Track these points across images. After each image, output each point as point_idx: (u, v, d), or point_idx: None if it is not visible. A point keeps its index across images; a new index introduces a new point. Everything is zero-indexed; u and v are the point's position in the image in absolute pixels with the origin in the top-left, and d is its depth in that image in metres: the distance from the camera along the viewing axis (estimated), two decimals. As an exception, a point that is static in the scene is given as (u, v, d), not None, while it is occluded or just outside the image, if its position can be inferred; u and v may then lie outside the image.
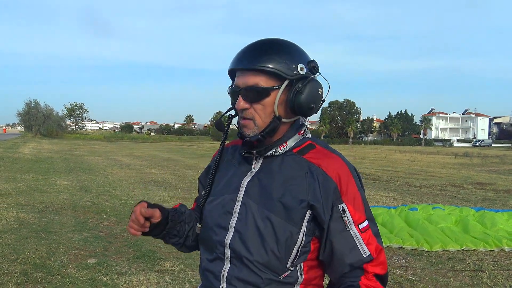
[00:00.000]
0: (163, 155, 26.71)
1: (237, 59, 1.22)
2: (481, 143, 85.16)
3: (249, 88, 1.19)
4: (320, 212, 1.17)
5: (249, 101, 1.20)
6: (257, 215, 1.19)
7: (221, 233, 1.23)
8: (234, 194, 1.25)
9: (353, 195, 1.20)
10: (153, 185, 11.64)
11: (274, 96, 1.19)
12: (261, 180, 1.23)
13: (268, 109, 1.20)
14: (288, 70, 1.18)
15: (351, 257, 1.18)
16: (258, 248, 1.18)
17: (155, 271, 4.53)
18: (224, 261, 1.23)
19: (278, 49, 1.20)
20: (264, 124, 1.21)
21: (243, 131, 1.23)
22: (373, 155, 33.27)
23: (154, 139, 70.00)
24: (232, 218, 1.23)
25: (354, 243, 1.18)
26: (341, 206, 1.18)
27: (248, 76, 1.19)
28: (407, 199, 10.09)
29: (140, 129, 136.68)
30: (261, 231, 1.18)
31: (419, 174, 17.42)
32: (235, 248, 1.20)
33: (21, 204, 7.96)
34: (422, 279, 4.55)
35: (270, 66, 1.17)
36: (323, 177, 1.19)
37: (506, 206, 9.27)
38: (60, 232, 5.98)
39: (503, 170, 20.55)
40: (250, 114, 1.21)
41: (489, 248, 5.68)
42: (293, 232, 1.17)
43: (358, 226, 1.19)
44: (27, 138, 49.68)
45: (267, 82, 1.19)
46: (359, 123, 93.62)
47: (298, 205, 1.17)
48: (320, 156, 1.23)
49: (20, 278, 4.12)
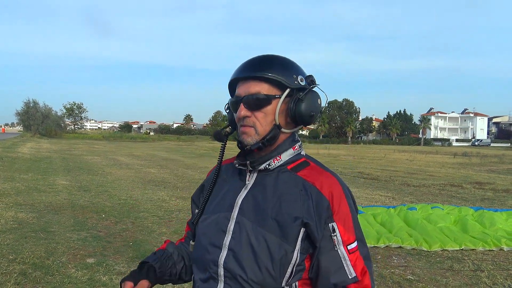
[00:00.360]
0: (162, 155, 26.70)
1: (239, 70, 1.25)
2: (480, 143, 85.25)
3: (251, 96, 1.21)
4: (314, 230, 1.17)
5: (250, 108, 1.21)
6: (251, 233, 1.18)
7: (215, 252, 1.22)
8: (228, 212, 1.24)
9: (344, 214, 1.20)
10: (152, 184, 11.64)
11: (275, 104, 1.22)
12: (255, 197, 1.23)
13: (269, 117, 1.22)
14: (289, 80, 1.22)
15: (336, 277, 1.17)
16: (253, 266, 1.17)
17: (154, 271, 4.52)
18: (217, 281, 1.21)
19: (278, 61, 1.25)
20: (265, 132, 1.22)
21: (242, 138, 1.23)
22: (372, 155, 33.29)
23: (153, 139, 69.96)
24: (226, 236, 1.21)
25: (341, 263, 1.17)
26: (331, 225, 1.18)
27: (250, 84, 1.22)
28: (406, 199, 10.10)
29: (139, 128, 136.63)
30: (255, 249, 1.17)
31: (418, 173, 17.43)
32: (229, 268, 1.19)
33: (19, 203, 7.96)
34: (421, 279, 4.56)
35: (272, 74, 1.20)
36: (316, 194, 1.19)
37: (505, 206, 9.28)
38: (59, 231, 5.97)
39: (502, 170, 20.57)
40: (251, 122, 1.22)
41: (488, 248, 5.69)
42: (287, 251, 1.16)
43: (347, 246, 1.18)
44: (26, 137, 49.62)
45: (269, 90, 1.21)
46: (358, 122, 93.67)
47: (293, 222, 1.17)
48: (314, 173, 1.24)
49: (19, 278, 4.12)
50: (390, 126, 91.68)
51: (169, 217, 7.25)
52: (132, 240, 5.67)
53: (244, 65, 1.26)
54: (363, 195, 10.57)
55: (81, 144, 39.46)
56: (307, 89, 1.24)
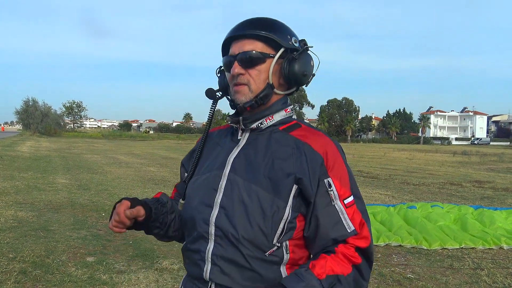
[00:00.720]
0: (162, 153, 26.70)
1: (234, 29, 1.27)
2: (479, 142, 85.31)
3: (246, 53, 1.22)
4: (307, 186, 1.17)
5: (244, 66, 1.22)
6: (243, 190, 1.18)
7: (206, 210, 1.22)
8: (220, 171, 1.24)
9: (339, 170, 1.21)
10: (152, 183, 11.64)
11: (269, 63, 1.23)
12: (248, 155, 1.23)
13: (263, 75, 1.23)
14: (284, 40, 1.24)
15: (335, 231, 1.17)
16: (244, 223, 1.16)
17: (154, 269, 4.53)
18: (208, 240, 1.20)
19: (273, 22, 1.27)
20: (258, 90, 1.23)
21: (236, 97, 1.25)
22: (372, 153, 33.30)
23: (152, 137, 69.93)
24: (218, 194, 1.21)
25: (338, 217, 1.18)
26: (327, 181, 1.18)
27: (245, 43, 1.23)
28: (406, 197, 10.10)
29: (139, 127, 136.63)
30: (247, 206, 1.17)
31: (418, 172, 17.44)
32: (220, 226, 1.18)
33: (19, 202, 7.95)
34: (421, 277, 4.56)
35: (266, 33, 1.22)
36: (310, 152, 1.20)
37: (505, 204, 9.28)
38: (58, 230, 5.97)
39: (502, 168, 20.59)
40: (245, 79, 1.23)
41: (488, 246, 5.69)
42: (280, 207, 1.16)
43: (343, 201, 1.19)
44: (25, 136, 49.59)
45: (264, 49, 1.23)
46: (358, 121, 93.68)
47: (285, 178, 1.17)
48: (307, 133, 1.25)
49: (19, 277, 4.12)
50: (389, 124, 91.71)
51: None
52: (132, 239, 5.67)
53: (239, 25, 1.27)
54: (363, 193, 10.51)
55: (81, 143, 39.44)
56: (300, 50, 1.26)
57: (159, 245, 5.33)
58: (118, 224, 1.22)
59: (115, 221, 1.22)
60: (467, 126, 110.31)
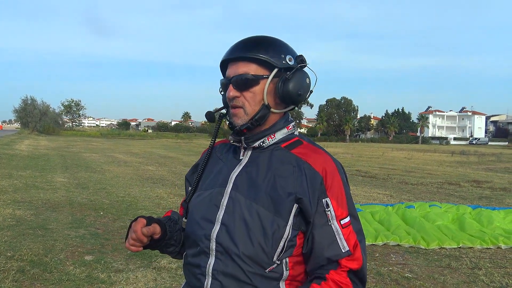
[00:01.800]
0: (160, 152, 26.67)
1: (228, 51, 1.28)
2: (477, 141, 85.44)
3: (240, 76, 1.23)
4: (307, 205, 1.19)
5: (239, 89, 1.23)
6: (245, 208, 1.20)
7: (207, 226, 1.24)
8: (222, 188, 1.26)
9: (337, 190, 1.22)
10: (150, 182, 11.63)
11: (263, 84, 1.24)
12: (249, 173, 1.25)
13: (257, 97, 1.24)
14: (277, 60, 1.24)
15: (329, 250, 1.19)
16: (245, 241, 1.18)
17: (152, 268, 4.53)
18: (208, 255, 1.22)
19: (268, 42, 1.27)
20: (254, 112, 1.24)
21: (233, 120, 1.27)
22: (370, 153, 33.32)
23: (151, 136, 69.88)
24: (219, 211, 1.23)
25: (334, 237, 1.20)
26: (325, 201, 1.20)
27: (239, 65, 1.24)
28: (404, 197, 10.11)
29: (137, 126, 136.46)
30: (248, 224, 1.19)
31: (416, 172, 17.46)
32: (221, 242, 1.21)
33: (17, 201, 7.94)
34: (419, 277, 4.57)
35: (260, 54, 1.23)
36: (309, 171, 1.21)
37: (503, 204, 9.30)
38: (57, 229, 5.96)
39: (500, 168, 20.63)
40: (240, 102, 1.24)
41: (486, 246, 5.70)
42: (280, 225, 1.18)
43: (340, 221, 1.21)
44: (24, 134, 49.51)
45: (257, 71, 1.23)
46: (356, 121, 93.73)
47: (286, 198, 1.19)
48: (307, 151, 1.26)
49: (17, 275, 4.11)
50: (388, 124, 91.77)
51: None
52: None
53: (234, 47, 1.27)
54: (361, 193, 10.58)
55: (79, 142, 39.38)
56: (294, 68, 1.25)
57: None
58: (135, 242, 1.23)
59: (132, 239, 1.22)
60: (465, 126, 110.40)
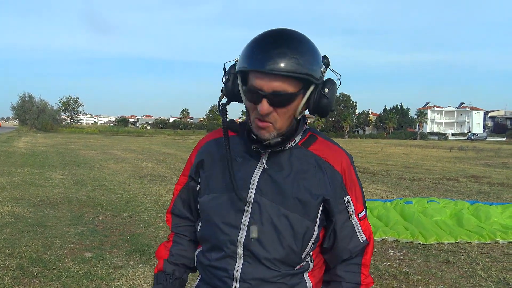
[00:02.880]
0: (159, 149, 26.66)
1: (262, 59, 1.07)
2: (476, 137, 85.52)
3: (278, 94, 1.09)
4: (333, 205, 1.22)
5: (274, 106, 1.11)
6: (273, 213, 1.18)
7: (232, 232, 1.20)
8: (244, 192, 1.20)
9: (355, 186, 1.27)
10: (149, 178, 11.63)
11: (299, 100, 1.13)
12: (272, 176, 1.20)
13: (290, 113, 1.15)
14: (316, 75, 1.11)
15: (351, 244, 1.27)
16: (275, 245, 1.19)
17: (151, 264, 4.54)
18: (235, 259, 1.21)
19: (303, 49, 1.10)
20: (284, 126, 1.16)
21: (259, 133, 1.16)
22: (369, 149, 33.35)
23: (149, 133, 69.83)
24: (244, 216, 1.20)
25: (354, 231, 1.27)
26: (346, 198, 1.24)
27: (275, 80, 1.08)
28: (403, 193, 10.13)
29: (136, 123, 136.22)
30: (278, 228, 1.18)
31: (414, 167, 17.49)
32: (250, 247, 1.19)
33: (16, 198, 7.94)
34: (417, 272, 4.59)
35: (303, 73, 1.08)
36: (330, 170, 1.22)
37: (500, 199, 9.33)
38: (55, 226, 5.97)
39: (498, 164, 20.67)
40: (272, 118, 1.13)
41: (484, 241, 5.72)
42: (309, 227, 1.20)
43: (358, 215, 1.27)
44: (22, 132, 49.42)
45: (294, 87, 1.10)
46: (355, 117, 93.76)
47: (314, 200, 1.20)
48: (324, 148, 1.26)
49: (16, 272, 4.12)
50: (386, 120, 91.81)
51: (166, 211, 7.24)
52: (129, 234, 5.67)
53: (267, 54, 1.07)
54: (360, 189, 10.58)
55: (78, 139, 39.32)
56: (329, 81, 1.16)
57: (156, 240, 5.34)
58: None
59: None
60: (463, 121, 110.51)
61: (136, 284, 4.02)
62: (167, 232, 1.49)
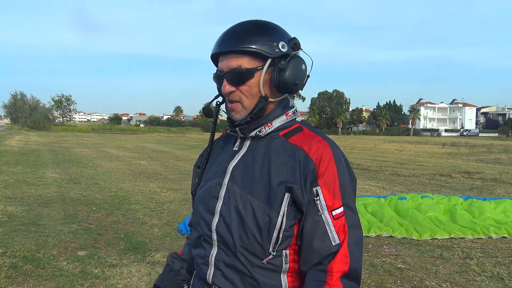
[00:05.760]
0: (152, 147, 26.56)
1: (218, 43, 1.21)
2: (468, 133, 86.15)
3: (233, 71, 1.19)
4: (299, 194, 1.15)
5: (234, 84, 1.20)
6: (239, 200, 1.20)
7: (209, 217, 1.25)
8: (220, 179, 1.26)
9: (330, 178, 1.16)
10: (143, 176, 11.59)
11: (258, 76, 1.19)
12: (246, 164, 1.23)
13: (254, 90, 1.20)
14: (270, 49, 1.18)
15: (319, 241, 1.14)
16: (240, 232, 1.18)
17: (146, 262, 4.52)
18: (211, 245, 1.24)
19: (258, 29, 1.20)
20: (252, 105, 1.21)
21: (231, 115, 1.24)
22: (363, 145, 33.46)
23: (143, 131, 69.51)
24: (218, 202, 1.23)
25: (324, 228, 1.14)
26: (315, 189, 1.15)
27: (231, 59, 1.19)
28: (396, 189, 10.18)
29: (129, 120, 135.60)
30: (242, 215, 1.18)
31: (408, 163, 17.57)
32: (220, 233, 1.21)
33: (9, 197, 7.88)
34: (411, 267, 4.61)
35: (252, 46, 1.17)
36: (304, 158, 1.17)
37: (493, 195, 9.40)
38: (49, 224, 5.93)
39: (490, 159, 20.82)
40: (237, 97, 1.21)
41: (477, 236, 5.76)
42: (271, 216, 1.15)
43: (331, 212, 1.15)
44: (14, 130, 48.99)
45: (250, 63, 1.19)
46: (348, 113, 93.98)
47: (277, 187, 1.16)
48: (305, 138, 1.22)
49: (10, 271, 4.09)
50: (380, 116, 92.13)
51: (160, 209, 7.23)
52: (124, 232, 5.65)
53: (222, 38, 1.21)
54: (354, 185, 10.61)
55: (70, 137, 39.08)
56: (289, 56, 1.20)
57: (150, 238, 5.32)
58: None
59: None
60: (456, 117, 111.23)
61: (131, 282, 4.00)
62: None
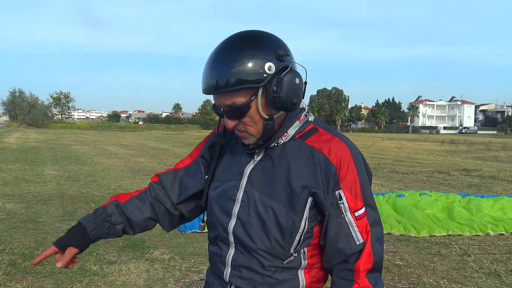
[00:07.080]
0: (151, 144, 26.54)
1: (204, 81, 1.16)
2: (467, 130, 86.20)
3: (229, 109, 1.16)
4: (322, 198, 1.17)
5: (234, 118, 1.18)
6: (259, 203, 1.20)
7: (225, 219, 1.25)
8: (237, 181, 1.25)
9: (351, 180, 1.18)
10: (142, 174, 11.59)
11: (255, 105, 1.15)
12: (264, 168, 1.23)
13: (255, 118, 1.17)
14: (257, 77, 1.11)
15: (344, 242, 1.18)
16: (261, 236, 1.19)
17: (144, 259, 4.53)
18: (228, 246, 1.26)
19: (240, 56, 1.11)
20: (259, 130, 1.19)
21: (242, 141, 1.24)
22: (361, 143, 33.45)
23: (142, 128, 69.48)
24: (235, 205, 1.24)
25: (348, 229, 1.18)
26: (338, 193, 1.17)
27: (222, 98, 1.16)
28: (395, 186, 10.20)
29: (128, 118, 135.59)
30: (264, 219, 1.19)
31: (407, 161, 17.59)
32: (238, 235, 1.22)
33: (7, 194, 7.87)
34: (409, 264, 4.63)
35: (238, 86, 1.11)
36: (324, 162, 1.18)
37: (491, 192, 9.42)
38: (48, 222, 5.93)
39: (488, 157, 20.85)
40: (242, 127, 1.20)
41: (475, 233, 5.78)
42: (295, 220, 1.17)
43: (354, 213, 1.18)
44: (12, 127, 48.94)
45: (243, 97, 1.14)
46: (347, 111, 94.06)
47: (300, 192, 1.17)
48: (322, 140, 1.21)
49: (8, 269, 4.09)
50: (378, 114, 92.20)
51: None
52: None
53: (207, 75, 1.15)
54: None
55: (69, 134, 39.03)
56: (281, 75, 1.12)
57: (149, 235, 5.33)
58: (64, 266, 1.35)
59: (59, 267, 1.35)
60: (455, 115, 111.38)
61: (130, 279, 4.01)
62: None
